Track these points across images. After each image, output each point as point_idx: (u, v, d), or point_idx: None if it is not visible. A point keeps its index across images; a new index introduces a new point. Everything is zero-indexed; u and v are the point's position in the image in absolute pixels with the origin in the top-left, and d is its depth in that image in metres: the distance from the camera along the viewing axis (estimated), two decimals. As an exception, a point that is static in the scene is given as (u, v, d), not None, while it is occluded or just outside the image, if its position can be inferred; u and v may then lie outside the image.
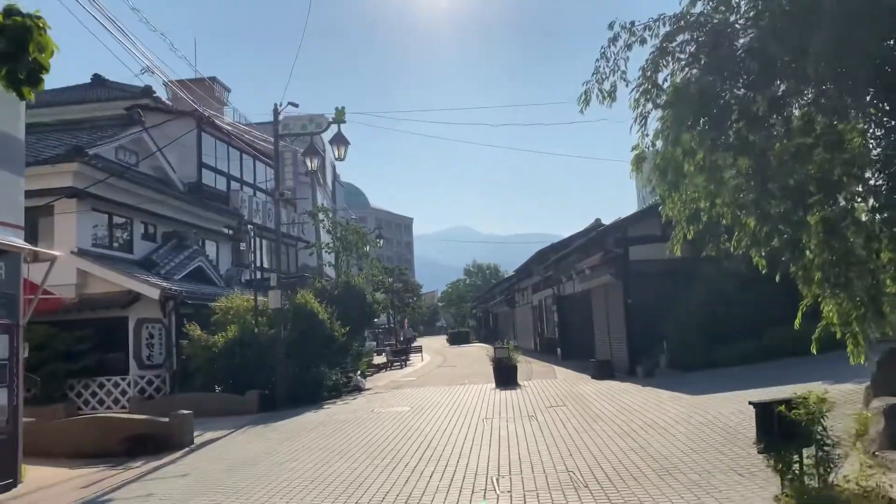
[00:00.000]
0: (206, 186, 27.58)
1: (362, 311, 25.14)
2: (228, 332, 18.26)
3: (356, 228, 27.40)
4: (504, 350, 19.77)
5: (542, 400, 15.23)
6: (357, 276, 26.41)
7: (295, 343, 18.89)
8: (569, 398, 15.13)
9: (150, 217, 22.62)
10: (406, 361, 34.46)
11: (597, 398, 14.68)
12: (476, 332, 73.46)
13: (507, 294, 50.24)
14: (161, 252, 21.92)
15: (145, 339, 19.08)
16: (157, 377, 19.05)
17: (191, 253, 22.81)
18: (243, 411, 17.20)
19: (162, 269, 21.07)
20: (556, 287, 30.37)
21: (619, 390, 15.61)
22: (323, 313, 19.86)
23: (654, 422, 10.79)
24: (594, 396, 15.03)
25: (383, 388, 22.08)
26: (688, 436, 9.56)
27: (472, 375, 24.29)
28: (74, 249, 18.80)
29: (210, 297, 20.89)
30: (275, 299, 17.94)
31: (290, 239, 33.15)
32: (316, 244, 27.16)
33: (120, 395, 18.61)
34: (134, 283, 18.56)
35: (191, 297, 19.95)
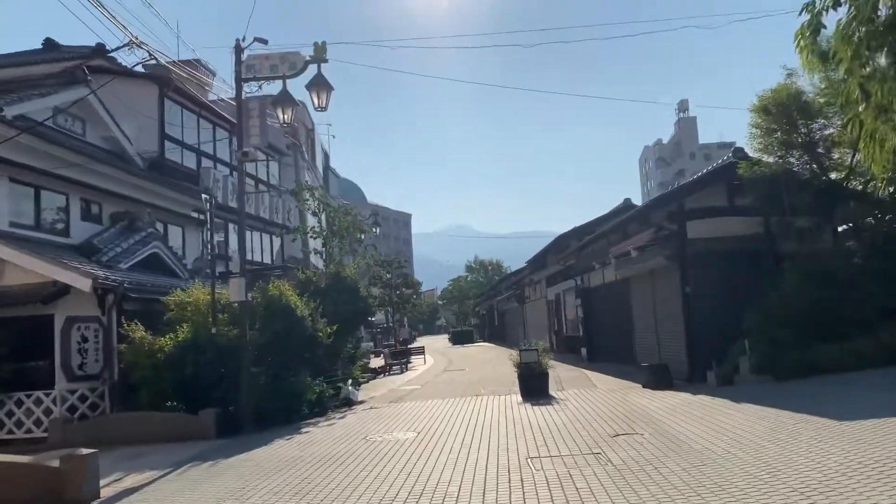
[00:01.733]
0: (171, 162, 23.47)
1: (355, 307, 21.03)
2: (179, 334, 14.16)
3: (347, 209, 23.27)
4: (532, 353, 15.67)
5: (596, 421, 11.14)
6: (349, 267, 22.28)
7: (267, 346, 14.81)
8: (632, 419, 11.05)
9: (94, 193, 18.50)
10: (407, 365, 30.36)
11: (673, 419, 10.60)
12: (479, 331, 69.36)
13: (515, 289, 46.16)
14: (105, 235, 17.80)
15: (77, 344, 14.95)
16: (92, 391, 14.92)
17: (144, 237, 18.69)
18: (197, 436, 13.11)
19: (105, 255, 16.96)
20: (581, 278, 26.28)
21: (699, 407, 11.53)
22: (304, 308, 15.75)
23: (823, 475, 6.71)
24: (667, 416, 10.95)
25: (380, 399, 17.96)
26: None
27: (487, 382, 20.19)
28: (-20, 228, 14.72)
29: (166, 290, 16.75)
30: (237, 290, 13.84)
31: (274, 227, 29.00)
32: (299, 229, 23.05)
33: (43, 415, 14.49)
34: (57, 271, 14.43)
35: (138, 290, 15.83)
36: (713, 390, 13.37)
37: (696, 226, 16.14)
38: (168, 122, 23.54)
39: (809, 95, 14.34)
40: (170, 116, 23.86)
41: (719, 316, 15.43)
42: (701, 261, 15.87)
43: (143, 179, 20.61)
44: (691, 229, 16.13)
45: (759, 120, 14.76)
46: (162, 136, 23.24)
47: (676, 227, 16.24)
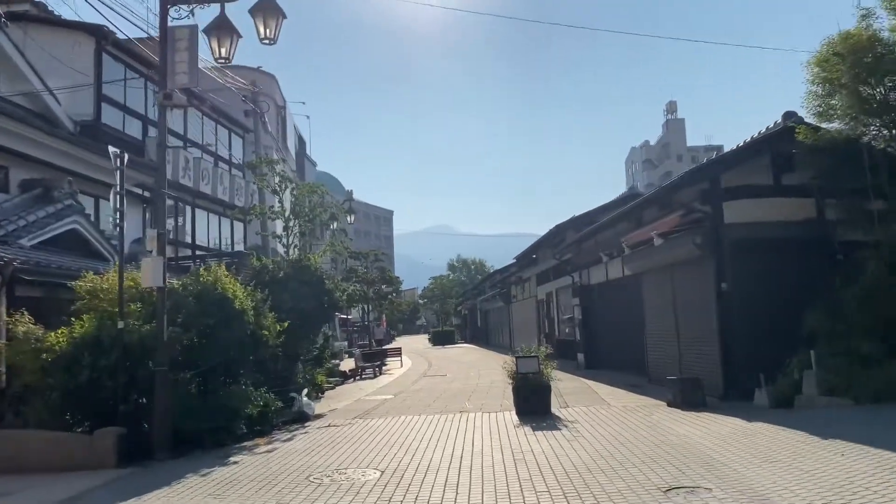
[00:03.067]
0: (109, 129, 20.04)
1: (319, 302, 17.78)
2: (76, 328, 10.86)
3: (313, 187, 19.94)
4: (531, 361, 12.53)
5: (629, 460, 8.04)
6: (313, 255, 19.02)
7: (195, 347, 11.56)
8: (679, 457, 7.96)
9: None
10: (381, 368, 27.16)
11: (740, 460, 7.54)
12: (461, 332, 66.28)
13: (500, 288, 43.13)
14: (6, 206, 14.43)
15: (-52, 339, 11.63)
16: (-32, 400, 11.60)
17: (60, 210, 15.32)
18: (92, 463, 9.80)
19: (2, 228, 13.60)
20: (579, 274, 23.24)
21: (767, 441, 8.47)
22: (244, 301, 12.49)
23: None
24: (727, 454, 7.90)
25: (343, 413, 14.75)
26: None
27: (472, 392, 17.06)
28: None
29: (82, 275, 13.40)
30: (152, 272, 10.56)
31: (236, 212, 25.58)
32: (255, 208, 19.73)
33: None
34: (-82, 244, 11.13)
35: (37, 272, 12.48)
36: (769, 415, 10.34)
37: (734, 208, 13.14)
38: (107, 82, 20.15)
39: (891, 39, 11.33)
40: (110, 76, 20.48)
41: (765, 319, 12.46)
42: (741, 250, 12.88)
43: (68, 143, 17.24)
44: (728, 212, 13.13)
45: (823, 74, 11.73)
46: (98, 96, 19.81)
47: (710, 210, 13.23)
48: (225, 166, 27.41)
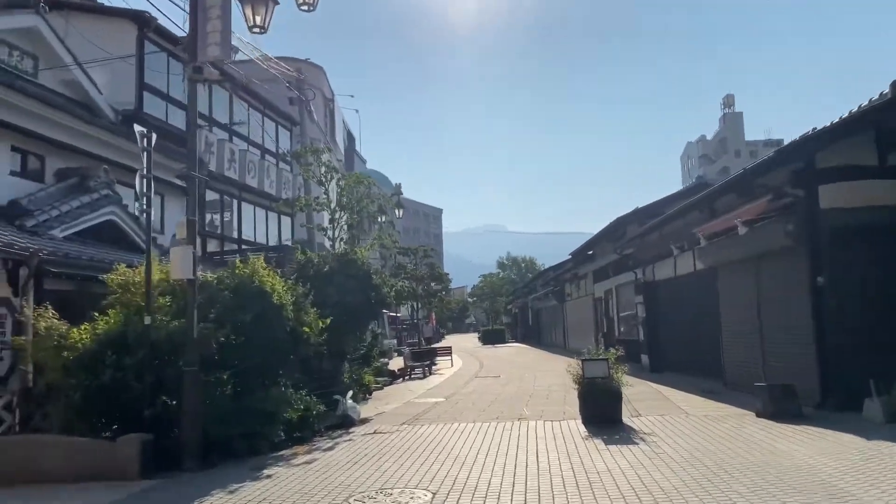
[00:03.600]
0: (151, 118, 19.34)
1: (366, 297, 16.72)
2: (100, 323, 9.98)
3: (359, 177, 18.89)
4: (599, 365, 11.16)
5: (735, 491, 6.65)
6: (360, 248, 17.99)
7: (229, 346, 10.57)
8: (794, 486, 6.54)
9: (34, 143, 14.48)
10: (430, 368, 26.03)
11: (884, 495, 6.10)
12: (511, 331, 64.80)
13: (553, 286, 41.57)
14: (40, 195, 13.75)
15: (-28, 334, 10.92)
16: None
17: (96, 200, 14.63)
18: (114, 473, 8.88)
19: (34, 218, 12.93)
20: (642, 270, 21.66)
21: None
22: (283, 295, 11.46)
23: None
24: (860, 483, 6.45)
25: (390, 417, 13.63)
26: None
27: (529, 396, 15.76)
28: None
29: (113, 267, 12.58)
30: (181, 263, 9.60)
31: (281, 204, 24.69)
32: (301, 199, 18.76)
33: (-77, 432, 10.49)
34: (-62, 233, 10.43)
35: (66, 264, 11.72)
36: (888, 431, 8.79)
37: (831, 191, 11.53)
38: (149, 69, 19.51)
39: None
40: (152, 64, 19.84)
41: (868, 318, 10.86)
42: (840, 239, 11.26)
43: (107, 132, 16.57)
44: (824, 196, 11.53)
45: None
46: (140, 85, 19.18)
47: (803, 193, 11.64)
48: (272, 159, 26.70)
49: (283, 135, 28.54)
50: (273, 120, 27.60)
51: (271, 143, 27.26)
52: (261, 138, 26.29)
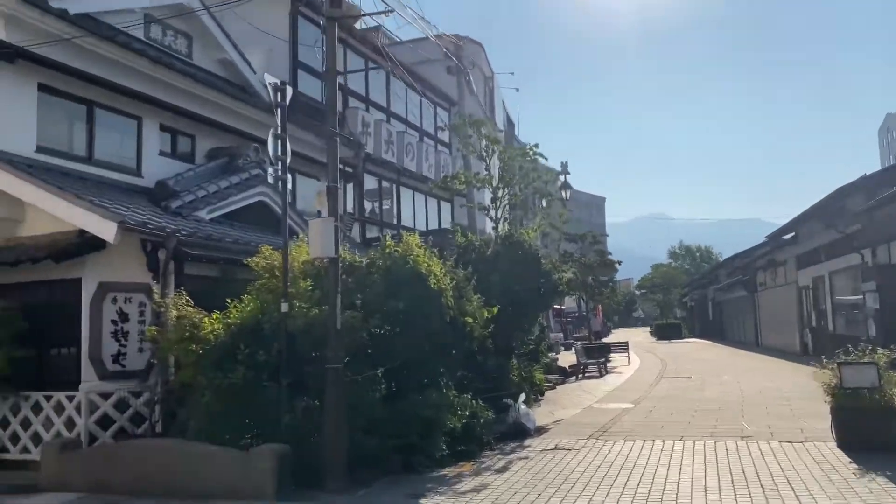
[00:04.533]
0: (306, 98, 18.38)
1: (534, 285, 14.52)
2: (232, 313, 8.56)
3: (523, 150, 16.64)
4: (867, 370, 8.16)
5: None
6: (527, 230, 15.81)
7: (379, 338, 8.82)
8: None
9: (183, 121, 13.69)
10: (606, 366, 23.35)
11: None
12: (688, 325, 59.76)
13: (741, 274, 37.02)
14: (188, 175, 12.88)
15: (112, 324, 10.00)
16: (135, 396, 9.89)
17: (245, 180, 13.60)
18: (246, 491, 7.37)
19: (179, 199, 12.01)
20: (871, 251, 17.67)
21: None
22: (442, 279, 9.52)
23: None
24: None
25: (570, 427, 11.33)
26: None
27: (741, 405, 12.79)
28: (-13, 151, 10.15)
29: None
30: (321, 238, 7.92)
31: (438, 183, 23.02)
32: (460, 175, 16.89)
33: (65, 427, 9.71)
34: (70, 210, 9.51)
35: (208, 247, 10.57)
36: None
37: None
38: (302, 44, 18.54)
39: None
40: (306, 40, 18.85)
41: None
42: None
43: (260, 111, 15.63)
44: None
45: None
46: (293, 63, 18.25)
47: None
48: (430, 142, 25.24)
49: (441, 117, 27.01)
50: (431, 101, 26.14)
51: (429, 126, 25.83)
52: (418, 120, 24.90)
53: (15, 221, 10.40)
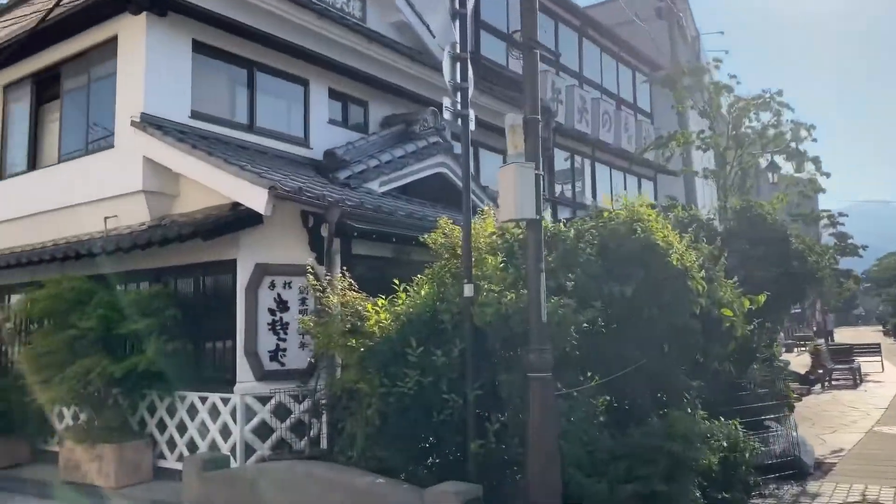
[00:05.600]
0: (489, 62, 16.23)
1: (785, 270, 11.13)
2: (400, 301, 6.44)
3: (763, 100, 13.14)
4: None
5: None
6: (770, 201, 12.42)
7: (596, 336, 6.29)
8: None
9: (355, 86, 12.05)
10: (859, 373, 18.91)
11: None
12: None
13: None
14: (358, 145, 11.14)
15: (269, 313, 8.39)
16: (297, 400, 8.22)
17: (423, 148, 11.65)
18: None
19: (349, 169, 10.29)
20: None
21: None
22: (686, 255, 6.76)
23: None
24: None
25: (867, 466, 8.03)
26: None
27: None
28: (136, 116, 8.97)
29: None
30: (518, 193, 5.51)
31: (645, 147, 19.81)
32: (679, 136, 13.76)
33: (221, 435, 8.26)
34: (219, 177, 8.00)
35: (378, 221, 8.67)
36: None
37: None
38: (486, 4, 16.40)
39: None
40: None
41: None
42: None
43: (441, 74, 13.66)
44: None
45: None
46: (476, 25, 16.17)
47: None
48: (629, 111, 22.11)
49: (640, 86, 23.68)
50: (629, 66, 22.97)
51: (627, 93, 22.68)
52: (615, 86, 21.89)
53: (169, 197, 9.20)
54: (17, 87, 11.17)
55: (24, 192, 10.60)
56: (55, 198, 9.99)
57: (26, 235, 10.49)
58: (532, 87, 5.99)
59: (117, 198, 9.19)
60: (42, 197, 10.21)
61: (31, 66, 10.74)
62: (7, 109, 11.32)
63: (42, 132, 10.83)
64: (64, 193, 9.85)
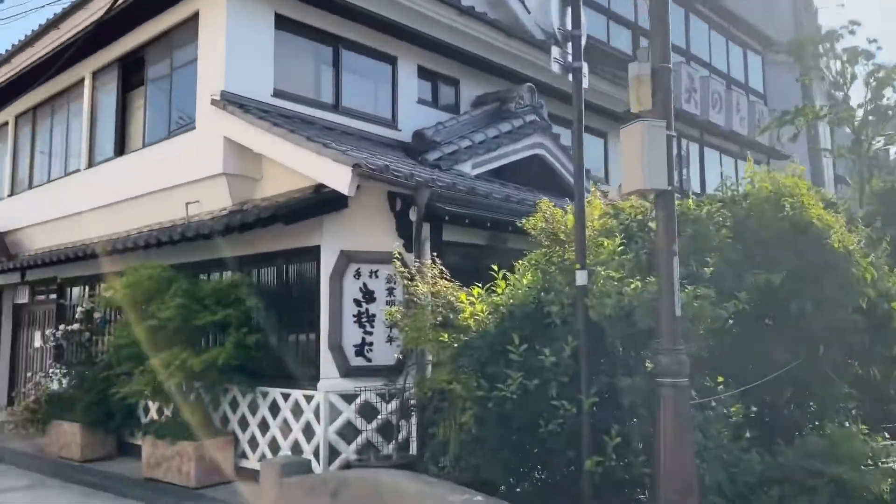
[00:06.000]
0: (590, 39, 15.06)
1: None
2: (499, 290, 5.56)
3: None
4: None
5: None
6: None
7: (737, 335, 5.22)
8: None
9: (448, 63, 11.25)
10: None
11: None
12: None
13: None
14: (449, 125, 10.32)
15: (353, 304, 7.70)
16: (385, 399, 7.50)
17: (518, 128, 10.70)
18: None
19: (438, 150, 9.50)
20: None
21: None
22: (848, 238, 5.57)
23: None
24: None
25: None
26: None
27: None
28: (217, 95, 8.48)
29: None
30: (646, 159, 4.54)
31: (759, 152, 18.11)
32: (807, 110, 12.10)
33: (304, 435, 7.65)
34: (299, 155, 7.36)
35: (478, 204, 7.86)
36: None
37: None
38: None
39: None
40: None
41: None
42: None
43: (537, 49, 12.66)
44: None
45: None
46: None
47: None
48: (741, 91, 20.36)
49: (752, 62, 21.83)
50: (738, 43, 21.18)
51: (738, 73, 20.91)
52: (725, 65, 20.19)
53: (251, 180, 8.67)
54: (104, 73, 11.01)
55: (111, 179, 10.41)
56: (140, 184, 9.71)
57: (114, 223, 10.30)
58: (661, 28, 4.96)
59: (199, 182, 8.75)
60: (127, 183, 9.96)
61: (116, 51, 10.53)
62: (95, 96, 11.19)
63: (128, 117, 10.61)
64: (148, 179, 9.55)
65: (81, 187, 11.08)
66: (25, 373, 12.64)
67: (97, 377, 9.43)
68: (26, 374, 12.41)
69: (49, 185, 12.12)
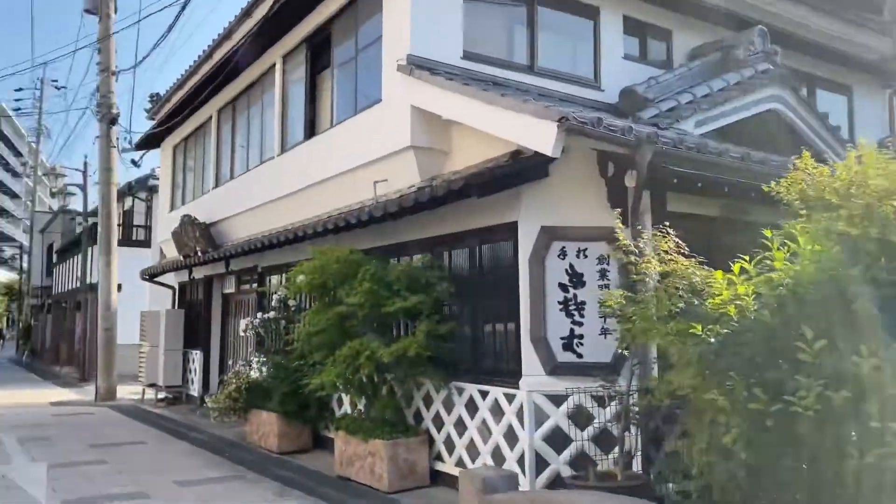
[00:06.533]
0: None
1: None
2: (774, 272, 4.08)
3: None
4: None
5: None
6: None
7: None
8: None
9: (653, 11, 9.69)
10: None
11: None
12: None
13: None
14: (662, 80, 8.77)
15: (559, 289, 6.52)
16: (598, 402, 6.28)
17: (749, 78, 8.85)
18: None
19: (654, 107, 8.03)
20: None
21: None
22: None
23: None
24: None
25: None
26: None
27: None
28: (403, 60, 7.68)
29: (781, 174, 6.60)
30: None
31: None
32: None
33: (505, 440, 6.64)
34: (493, 115, 6.28)
35: (713, 164, 6.37)
36: None
37: None
38: None
39: None
40: None
41: None
42: None
43: None
44: None
45: None
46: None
47: None
48: None
49: None
50: None
51: None
52: None
53: (440, 153, 7.81)
54: (292, 56, 10.81)
55: (302, 163, 10.14)
56: (329, 166, 9.30)
57: (306, 209, 10.02)
58: None
59: (386, 158, 8.07)
60: (317, 166, 9.62)
61: (303, 30, 10.23)
62: (286, 80, 11.02)
63: (317, 96, 10.30)
64: (336, 160, 9.10)
65: (275, 174, 11.00)
66: (232, 360, 12.99)
67: (290, 366, 9.15)
68: (229, 362, 12.72)
69: (247, 174, 12.25)
